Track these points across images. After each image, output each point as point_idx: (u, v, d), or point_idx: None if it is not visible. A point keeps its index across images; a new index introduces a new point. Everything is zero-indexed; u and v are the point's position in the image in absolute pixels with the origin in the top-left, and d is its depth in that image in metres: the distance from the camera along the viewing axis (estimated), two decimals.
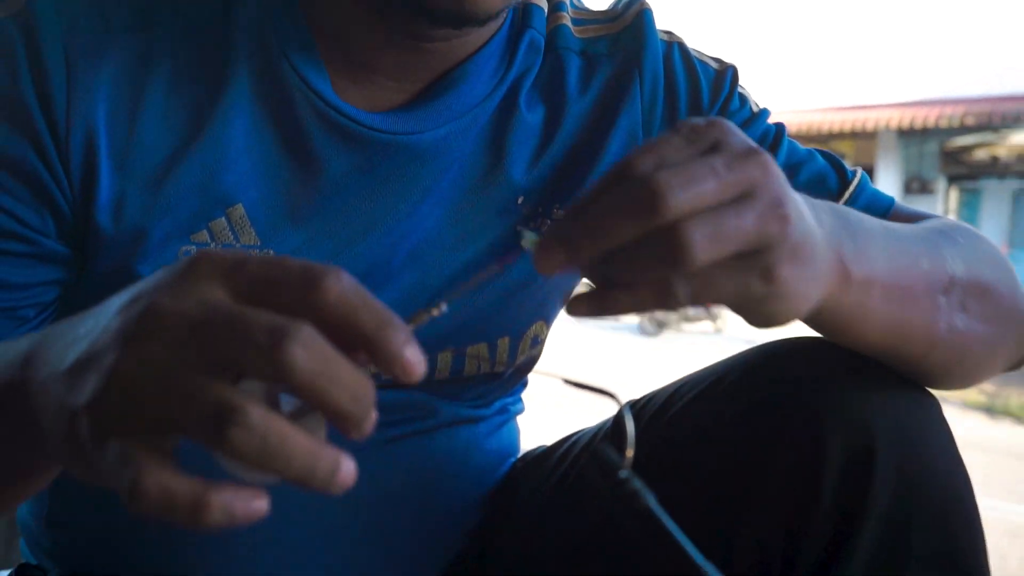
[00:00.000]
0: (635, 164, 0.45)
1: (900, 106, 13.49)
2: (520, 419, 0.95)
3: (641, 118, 0.78)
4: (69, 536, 0.79)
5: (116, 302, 0.41)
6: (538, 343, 0.84)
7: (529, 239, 0.48)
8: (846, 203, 0.78)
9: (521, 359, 0.84)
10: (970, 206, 15.44)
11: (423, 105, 0.71)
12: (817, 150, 0.84)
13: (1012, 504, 4.00)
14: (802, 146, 0.84)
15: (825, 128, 13.65)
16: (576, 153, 0.77)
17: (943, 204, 15.23)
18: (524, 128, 0.75)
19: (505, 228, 0.77)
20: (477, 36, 0.71)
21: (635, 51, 0.78)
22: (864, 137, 14.24)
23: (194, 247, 0.66)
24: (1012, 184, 14.99)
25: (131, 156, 0.65)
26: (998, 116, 12.48)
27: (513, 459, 0.91)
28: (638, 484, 0.48)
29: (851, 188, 0.81)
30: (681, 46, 0.82)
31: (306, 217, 0.70)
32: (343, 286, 0.39)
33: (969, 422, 5.87)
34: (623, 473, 0.48)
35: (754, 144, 0.48)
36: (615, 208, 0.44)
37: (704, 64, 0.82)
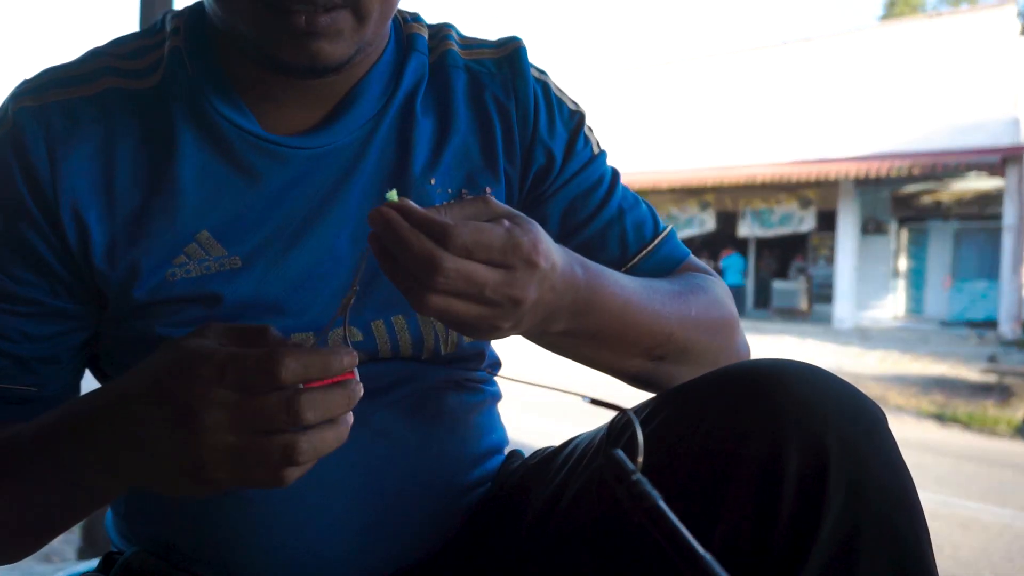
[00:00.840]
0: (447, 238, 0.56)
1: (857, 160, 13.59)
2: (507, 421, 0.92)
3: (517, 133, 0.81)
4: (140, 521, 0.81)
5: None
6: None
7: (392, 195, 0.56)
8: (654, 248, 0.85)
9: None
10: (918, 244, 15.43)
11: (330, 123, 0.76)
12: (643, 200, 0.89)
13: (962, 500, 3.92)
14: (632, 193, 0.88)
15: (794, 178, 13.75)
16: (467, 151, 0.80)
17: (895, 242, 15.21)
18: (422, 130, 0.79)
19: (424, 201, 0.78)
20: (358, 68, 0.77)
21: (512, 76, 0.82)
22: (827, 186, 14.34)
23: (177, 269, 0.72)
24: (954, 225, 14.99)
25: (112, 210, 0.72)
26: (940, 167, 12.55)
27: (502, 443, 0.89)
28: (648, 486, 0.45)
29: (660, 237, 0.86)
30: (547, 83, 0.85)
31: (259, 223, 0.74)
32: (287, 364, 0.52)
33: (922, 428, 5.78)
34: (635, 477, 0.45)
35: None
36: (410, 260, 0.55)
37: (562, 103, 0.85)
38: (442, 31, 0.85)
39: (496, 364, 0.88)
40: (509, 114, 0.81)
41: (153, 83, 0.75)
